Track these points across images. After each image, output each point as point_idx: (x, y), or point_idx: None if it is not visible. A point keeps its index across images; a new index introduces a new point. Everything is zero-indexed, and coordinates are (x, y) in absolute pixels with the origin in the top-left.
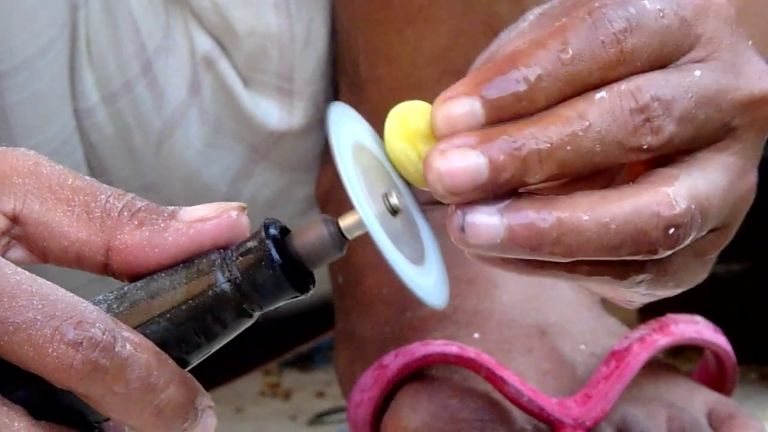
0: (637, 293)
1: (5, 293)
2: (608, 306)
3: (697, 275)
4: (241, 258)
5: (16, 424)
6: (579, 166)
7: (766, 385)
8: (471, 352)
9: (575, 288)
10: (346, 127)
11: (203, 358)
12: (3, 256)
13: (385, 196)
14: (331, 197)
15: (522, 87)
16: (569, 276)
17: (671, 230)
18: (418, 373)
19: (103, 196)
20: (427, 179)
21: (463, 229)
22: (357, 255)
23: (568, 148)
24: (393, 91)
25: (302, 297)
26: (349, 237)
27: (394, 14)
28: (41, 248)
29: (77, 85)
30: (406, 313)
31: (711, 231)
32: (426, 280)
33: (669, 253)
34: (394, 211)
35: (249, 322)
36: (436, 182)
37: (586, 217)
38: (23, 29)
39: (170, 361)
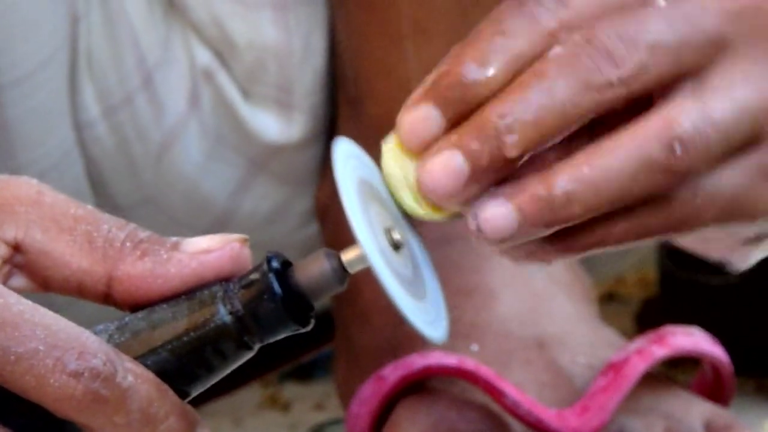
0: (725, 238)
1: (8, 323)
2: (606, 318)
3: None
4: (242, 290)
5: None
6: (557, 125)
7: (763, 397)
8: (469, 363)
9: (574, 300)
10: (350, 162)
11: (202, 389)
12: (4, 284)
13: (388, 231)
14: (330, 210)
15: (469, 78)
16: (612, 238)
17: (677, 147)
18: (416, 385)
19: (105, 225)
20: (425, 197)
21: (480, 230)
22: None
23: (536, 112)
24: (390, 103)
25: (303, 330)
26: (351, 271)
27: (392, 28)
28: (43, 277)
29: (77, 98)
30: (404, 325)
31: (757, 142)
32: (427, 315)
33: (692, 171)
34: (396, 246)
35: (249, 355)
36: (430, 195)
37: (587, 169)
38: (24, 42)
39: (170, 392)
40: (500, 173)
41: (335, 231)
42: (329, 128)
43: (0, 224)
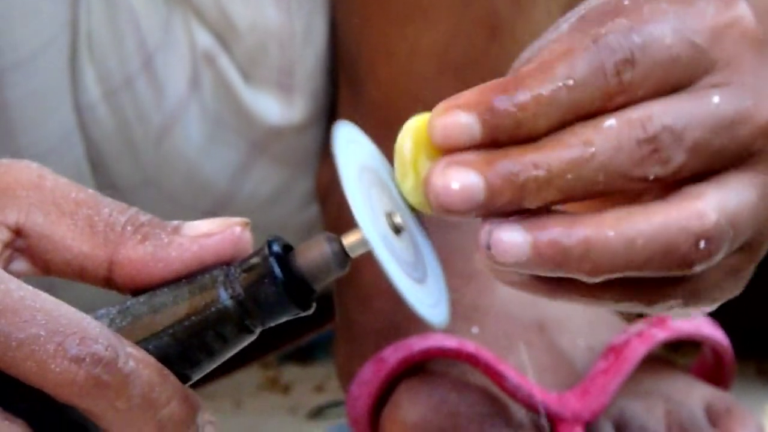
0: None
1: (9, 309)
2: None
3: (731, 292)
4: (244, 274)
5: None
6: (581, 193)
7: (763, 380)
8: (470, 346)
9: None
10: (351, 146)
11: (204, 374)
12: (6, 268)
13: (389, 215)
14: (331, 192)
15: (521, 111)
16: (598, 301)
17: (702, 243)
18: (417, 367)
19: (106, 209)
20: (427, 194)
21: (489, 247)
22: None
23: (569, 176)
24: (391, 87)
25: (304, 314)
26: (352, 255)
27: (393, 11)
28: (44, 261)
29: (78, 81)
30: (404, 307)
31: (742, 249)
32: (428, 299)
33: (701, 268)
34: (397, 230)
35: (250, 338)
36: (433, 198)
37: (612, 233)
38: (25, 25)
39: (172, 377)
40: (510, 213)
41: (336, 213)
42: (330, 111)
43: (1, 208)
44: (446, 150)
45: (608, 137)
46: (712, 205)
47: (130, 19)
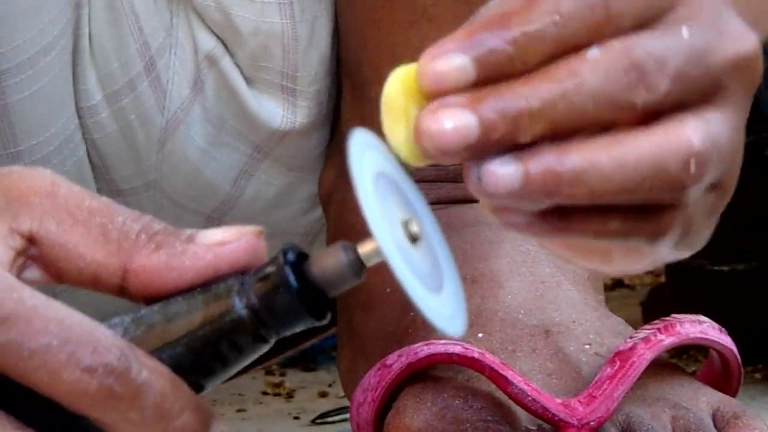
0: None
1: (21, 317)
2: (613, 306)
3: (704, 237)
4: (258, 283)
5: None
6: (571, 124)
7: None
8: (475, 352)
9: (580, 288)
10: (367, 153)
11: (218, 383)
12: (19, 276)
13: (405, 224)
14: (334, 196)
15: (513, 47)
16: (602, 234)
17: (692, 164)
18: (421, 373)
19: (120, 218)
20: (419, 140)
21: (479, 179)
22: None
23: (560, 106)
24: None
25: (319, 324)
26: (368, 264)
27: (397, 15)
28: (57, 269)
29: (80, 84)
30: (409, 312)
31: (715, 187)
32: (444, 309)
33: (692, 192)
34: (413, 239)
35: (265, 348)
36: (426, 142)
37: (605, 157)
38: (26, 28)
39: (185, 387)
40: (503, 149)
41: (339, 216)
42: (333, 114)
43: (15, 216)
44: (437, 95)
45: (595, 67)
46: (696, 131)
47: (132, 22)
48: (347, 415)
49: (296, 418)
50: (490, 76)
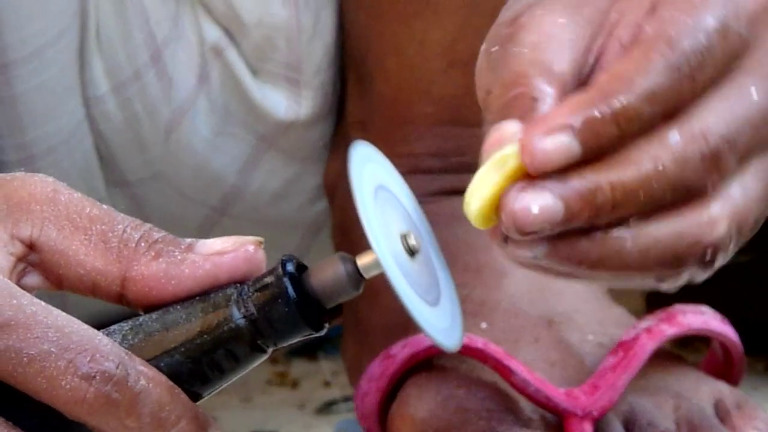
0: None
1: (20, 324)
2: (616, 296)
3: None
4: (257, 293)
5: None
6: (649, 208)
7: None
8: (478, 341)
9: None
10: (368, 165)
11: (215, 391)
12: (19, 282)
13: (404, 237)
14: (339, 187)
15: (617, 128)
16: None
17: (708, 253)
18: (425, 363)
19: (120, 225)
20: (502, 214)
21: (514, 217)
22: (364, 246)
23: (641, 194)
24: (400, 82)
25: (316, 335)
26: (367, 276)
27: (401, 6)
28: (57, 276)
29: (87, 74)
30: None
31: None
32: (440, 322)
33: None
34: (412, 252)
35: (263, 358)
36: (509, 220)
37: (630, 244)
38: (34, 19)
39: (182, 395)
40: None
41: (344, 207)
42: (338, 106)
43: (16, 222)
44: (541, 173)
45: (676, 154)
46: (723, 208)
47: (138, 13)
48: (352, 405)
49: (301, 407)
50: (593, 155)
